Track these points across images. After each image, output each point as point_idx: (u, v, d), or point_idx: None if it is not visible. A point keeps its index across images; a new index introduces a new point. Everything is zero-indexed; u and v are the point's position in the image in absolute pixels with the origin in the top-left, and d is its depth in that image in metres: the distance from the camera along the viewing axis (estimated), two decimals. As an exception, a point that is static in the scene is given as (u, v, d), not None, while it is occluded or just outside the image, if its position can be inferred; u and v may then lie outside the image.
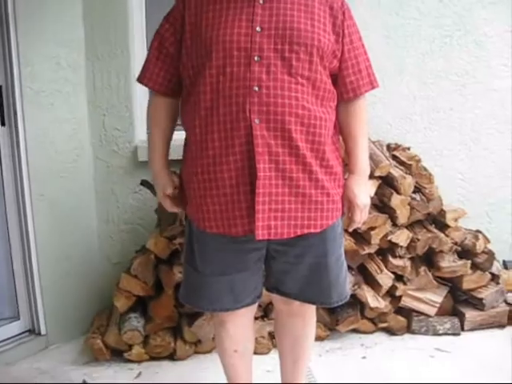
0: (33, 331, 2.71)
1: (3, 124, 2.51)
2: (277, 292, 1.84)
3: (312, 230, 1.66)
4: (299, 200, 1.62)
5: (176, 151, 1.90)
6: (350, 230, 1.91)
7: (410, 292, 2.71)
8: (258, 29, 1.56)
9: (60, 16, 2.59)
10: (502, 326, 2.80)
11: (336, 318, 2.67)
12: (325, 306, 2.04)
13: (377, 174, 2.64)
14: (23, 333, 2.69)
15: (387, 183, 2.70)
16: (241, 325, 1.88)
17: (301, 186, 1.61)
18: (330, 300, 1.82)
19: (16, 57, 2.45)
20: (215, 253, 1.70)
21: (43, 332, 2.69)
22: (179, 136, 1.82)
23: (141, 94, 2.87)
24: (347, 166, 1.82)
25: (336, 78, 1.71)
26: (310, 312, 1.92)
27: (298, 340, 1.94)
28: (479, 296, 2.75)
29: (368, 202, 1.80)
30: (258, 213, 1.57)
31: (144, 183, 2.67)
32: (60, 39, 2.60)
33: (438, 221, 2.81)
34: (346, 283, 1.88)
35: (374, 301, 2.64)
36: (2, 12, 2.40)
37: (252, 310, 1.91)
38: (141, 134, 2.90)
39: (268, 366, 2.43)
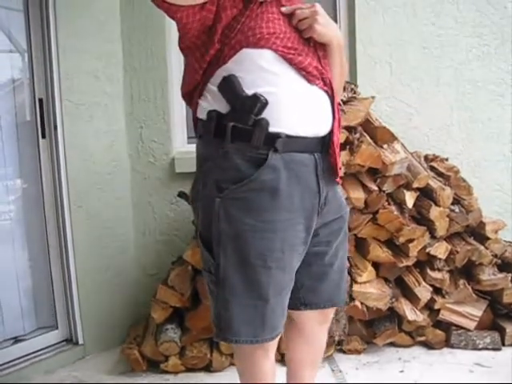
0: (70, 341, 2.74)
1: (44, 136, 2.57)
2: (305, 307, 1.72)
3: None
4: None
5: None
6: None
7: (448, 305, 2.66)
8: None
9: (98, 30, 2.65)
10: (543, 342, 2.72)
11: (373, 332, 2.63)
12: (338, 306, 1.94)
13: (415, 185, 2.60)
14: (61, 342, 2.72)
15: (426, 195, 2.66)
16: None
17: None
18: (344, 298, 1.81)
19: (56, 71, 2.51)
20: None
21: (80, 342, 2.72)
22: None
23: (178, 106, 2.90)
24: None
25: None
26: (331, 317, 1.86)
27: (317, 348, 1.86)
28: (520, 310, 2.69)
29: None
30: None
31: (181, 195, 2.69)
32: (98, 53, 2.65)
33: (477, 233, 2.76)
34: None
35: (412, 314, 2.60)
36: (44, 28, 2.47)
37: None
38: (178, 145, 2.93)
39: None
